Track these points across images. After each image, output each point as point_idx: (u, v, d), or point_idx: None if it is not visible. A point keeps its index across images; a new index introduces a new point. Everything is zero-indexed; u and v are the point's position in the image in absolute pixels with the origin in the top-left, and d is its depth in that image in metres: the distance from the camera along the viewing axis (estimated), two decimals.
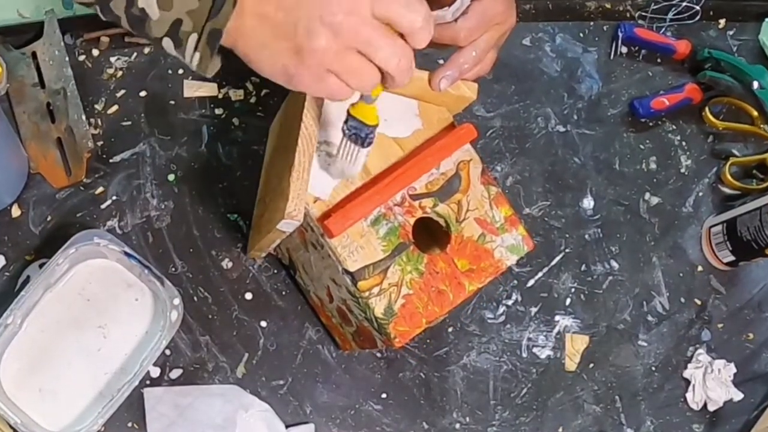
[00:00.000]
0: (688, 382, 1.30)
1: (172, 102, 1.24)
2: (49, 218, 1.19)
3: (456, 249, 1.00)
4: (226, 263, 1.21)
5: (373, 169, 1.00)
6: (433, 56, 1.25)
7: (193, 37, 0.80)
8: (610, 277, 1.31)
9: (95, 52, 1.24)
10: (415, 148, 1.02)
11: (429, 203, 1.00)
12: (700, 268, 1.34)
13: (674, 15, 1.40)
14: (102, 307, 1.14)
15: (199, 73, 0.83)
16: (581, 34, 1.38)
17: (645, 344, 1.30)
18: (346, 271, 0.97)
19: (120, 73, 1.24)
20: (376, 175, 1.00)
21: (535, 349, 1.27)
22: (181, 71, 1.25)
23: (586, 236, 1.32)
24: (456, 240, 1.00)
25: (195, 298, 1.20)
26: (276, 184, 1.02)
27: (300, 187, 0.92)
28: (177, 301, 1.11)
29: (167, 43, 0.82)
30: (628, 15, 1.40)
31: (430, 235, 1.03)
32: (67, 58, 1.20)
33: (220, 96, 1.25)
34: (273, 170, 1.10)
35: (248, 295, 1.21)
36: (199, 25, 0.80)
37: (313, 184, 0.96)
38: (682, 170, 1.36)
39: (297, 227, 0.96)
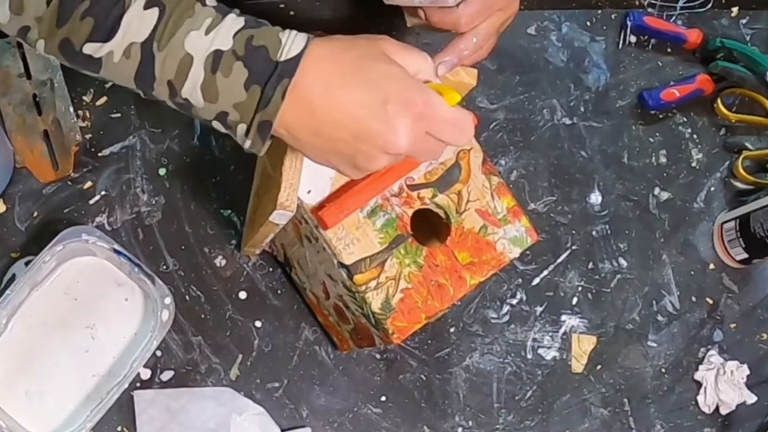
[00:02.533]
0: (699, 384, 1.29)
1: None
2: (35, 214, 1.18)
3: (456, 241, 0.99)
4: (220, 261, 1.21)
5: None
6: (435, 46, 1.25)
7: (242, 126, 0.80)
8: (619, 276, 1.31)
9: None
10: None
11: (428, 194, 1.00)
12: (711, 266, 1.34)
13: (685, 3, 1.39)
14: (90, 306, 1.14)
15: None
16: (588, 23, 1.37)
17: (654, 345, 1.30)
18: (342, 265, 0.97)
19: None
20: None
21: (540, 350, 1.27)
22: None
23: (594, 233, 1.31)
24: (456, 232, 1.00)
25: (187, 297, 1.20)
26: (269, 175, 1.02)
27: (293, 176, 0.92)
28: (168, 300, 1.11)
29: (217, 125, 0.82)
30: (637, 3, 1.39)
31: (429, 226, 1.03)
32: None
33: None
34: (267, 162, 1.10)
35: (242, 294, 1.21)
36: (247, 118, 0.80)
37: (307, 175, 0.96)
38: (693, 164, 1.36)
39: (290, 219, 0.96)
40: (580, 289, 1.29)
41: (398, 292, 0.97)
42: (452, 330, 1.25)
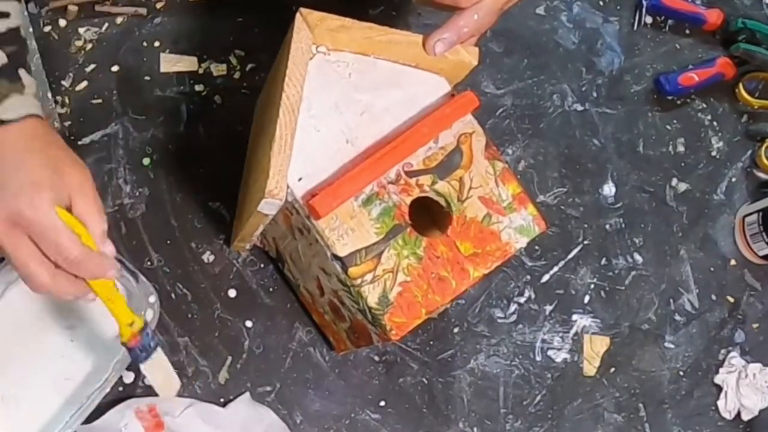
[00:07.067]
0: (719, 388, 1.30)
1: (148, 78, 1.24)
2: None
3: (458, 231, 0.99)
4: (208, 256, 1.21)
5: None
6: (435, 25, 1.25)
7: None
8: (634, 272, 1.31)
9: (62, 23, 1.23)
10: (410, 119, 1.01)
11: (427, 180, 0.99)
12: (733, 262, 1.34)
13: None
14: (69, 306, 1.13)
15: None
16: (601, 2, 1.38)
17: (672, 346, 1.30)
18: (336, 257, 0.96)
19: (90, 45, 1.23)
20: (366, 149, 0.99)
21: (550, 352, 1.27)
22: (157, 44, 1.24)
23: (607, 226, 1.31)
24: (458, 221, 0.99)
25: (173, 296, 1.19)
26: (257, 163, 1.01)
27: (281, 162, 0.91)
28: (153, 298, 1.11)
29: None
30: None
31: (429, 216, 1.02)
32: (30, 29, 1.19)
33: (201, 71, 1.25)
34: (256, 150, 1.09)
35: (232, 292, 1.21)
36: None
37: (298, 162, 0.95)
38: (713, 153, 1.36)
39: (280, 209, 0.95)
40: (592, 286, 1.29)
41: (396, 286, 0.96)
42: (456, 330, 1.24)
